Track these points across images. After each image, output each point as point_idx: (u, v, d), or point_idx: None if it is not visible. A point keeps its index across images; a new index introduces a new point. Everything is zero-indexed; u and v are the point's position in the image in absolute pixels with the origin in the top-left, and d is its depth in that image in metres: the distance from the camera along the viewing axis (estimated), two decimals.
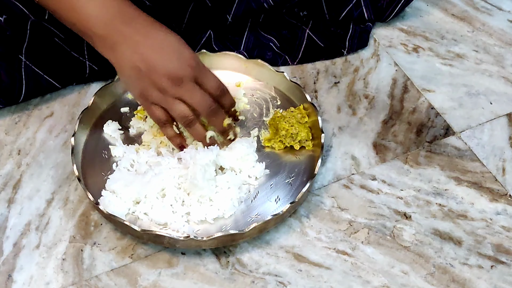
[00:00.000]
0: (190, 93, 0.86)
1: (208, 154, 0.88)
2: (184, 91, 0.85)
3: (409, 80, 1.05)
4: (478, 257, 0.86)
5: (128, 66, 0.85)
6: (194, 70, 0.86)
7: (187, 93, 0.86)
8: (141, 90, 0.86)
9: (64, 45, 1.00)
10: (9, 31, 0.95)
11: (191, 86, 0.86)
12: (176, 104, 0.86)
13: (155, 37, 0.86)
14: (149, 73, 0.84)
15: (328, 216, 0.89)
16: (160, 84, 0.84)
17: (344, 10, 1.09)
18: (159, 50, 0.85)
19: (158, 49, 0.85)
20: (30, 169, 0.94)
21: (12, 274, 0.84)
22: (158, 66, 0.84)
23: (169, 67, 0.84)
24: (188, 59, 0.86)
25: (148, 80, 0.84)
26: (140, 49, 0.84)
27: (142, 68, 0.84)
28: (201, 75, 0.87)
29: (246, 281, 0.84)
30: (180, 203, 0.87)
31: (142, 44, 0.85)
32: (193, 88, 0.86)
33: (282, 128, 0.93)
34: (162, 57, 0.84)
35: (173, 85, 0.84)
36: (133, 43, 0.84)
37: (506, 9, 1.15)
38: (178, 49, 0.86)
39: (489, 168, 0.94)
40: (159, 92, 0.85)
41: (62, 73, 1.01)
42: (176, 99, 0.86)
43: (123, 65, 0.85)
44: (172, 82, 0.84)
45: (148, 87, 0.85)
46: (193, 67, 0.86)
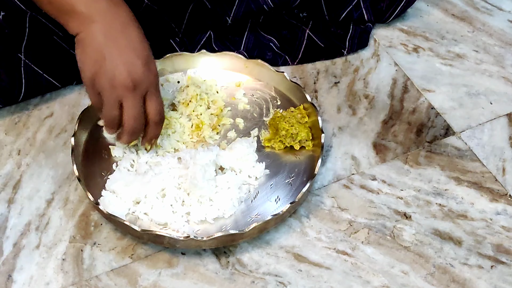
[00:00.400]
0: (132, 105, 0.84)
1: (208, 154, 0.88)
2: (129, 99, 0.83)
3: (409, 80, 1.05)
4: (478, 257, 0.86)
5: (94, 46, 0.83)
6: (151, 85, 0.85)
7: (130, 102, 0.83)
8: (93, 74, 0.83)
9: (63, 43, 1.00)
10: (8, 29, 0.95)
11: (137, 98, 0.84)
12: (112, 107, 0.84)
13: (133, 33, 0.85)
14: (111, 64, 0.82)
15: (328, 216, 0.89)
16: (114, 80, 0.82)
17: (344, 11, 1.09)
18: (131, 48, 0.83)
19: (131, 47, 0.84)
20: (30, 169, 0.94)
21: (12, 274, 0.84)
22: (123, 62, 0.82)
23: (133, 68, 0.83)
24: (151, 72, 0.85)
25: (106, 70, 0.82)
26: (113, 36, 0.83)
27: (107, 56, 0.82)
28: (152, 93, 0.85)
29: (246, 281, 0.84)
30: (180, 203, 0.87)
31: (117, 33, 0.83)
32: (137, 102, 0.84)
33: (282, 128, 0.93)
34: (131, 56, 0.83)
35: (124, 87, 0.83)
36: (109, 27, 0.83)
37: (506, 9, 1.15)
38: (147, 57, 0.85)
39: (489, 168, 0.94)
40: (108, 86, 0.83)
41: (62, 72, 1.01)
42: (116, 102, 0.84)
43: (90, 43, 0.83)
44: (125, 84, 0.82)
45: (102, 75, 0.83)
46: (151, 81, 0.84)
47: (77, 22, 0.83)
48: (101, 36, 0.83)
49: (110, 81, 0.83)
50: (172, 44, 1.06)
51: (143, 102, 0.85)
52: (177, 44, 1.06)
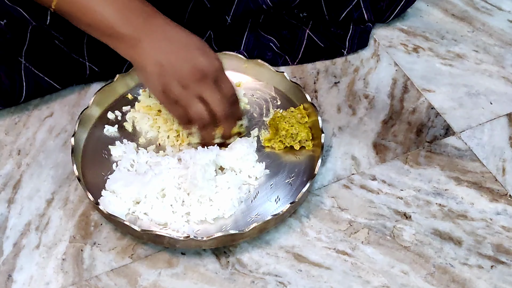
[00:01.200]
0: (211, 92, 0.86)
1: (208, 154, 0.88)
2: (206, 88, 0.86)
3: (409, 80, 1.05)
4: (478, 257, 0.86)
5: (151, 62, 0.85)
6: (217, 70, 0.87)
7: (208, 91, 0.86)
8: (163, 86, 0.85)
9: (64, 47, 1.00)
10: (9, 34, 0.95)
11: (212, 84, 0.86)
12: (195, 103, 0.86)
13: (179, 34, 0.86)
14: (173, 67, 0.84)
15: (328, 216, 0.89)
16: (183, 79, 0.85)
17: (344, 11, 1.09)
18: (183, 47, 0.85)
19: (182, 46, 0.85)
20: (30, 169, 0.94)
21: (12, 274, 0.84)
22: (183, 61, 0.84)
23: (193, 62, 0.84)
24: (212, 58, 0.86)
25: (172, 75, 0.84)
26: (164, 45, 0.85)
27: (166, 63, 0.84)
28: (222, 77, 0.88)
29: (246, 281, 0.84)
30: (180, 203, 0.87)
31: (165, 41, 0.85)
32: (214, 88, 0.86)
33: (282, 128, 0.93)
34: (187, 52, 0.85)
35: (196, 80, 0.85)
36: (156, 39, 0.85)
37: (506, 9, 1.15)
38: (202, 48, 0.87)
39: (489, 168, 0.94)
40: (181, 88, 0.85)
41: (62, 74, 1.01)
42: (196, 98, 0.86)
43: (146, 61, 0.85)
44: (195, 78, 0.85)
45: (170, 82, 0.85)
46: (216, 67, 0.86)
47: (125, 46, 0.85)
48: (152, 51, 0.84)
49: (180, 83, 0.85)
50: None
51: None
52: None
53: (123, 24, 0.84)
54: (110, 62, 1.01)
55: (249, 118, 0.98)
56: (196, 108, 0.87)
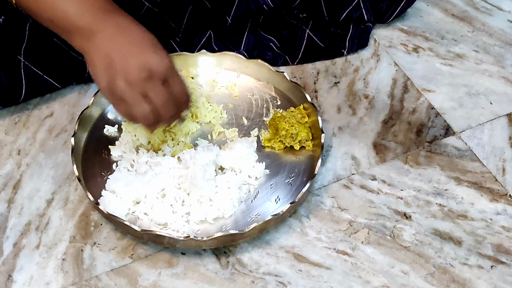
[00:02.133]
0: (157, 92, 0.83)
1: (208, 154, 0.88)
2: (152, 87, 0.83)
3: (409, 80, 1.05)
4: (478, 257, 0.86)
5: (100, 55, 0.82)
6: (167, 69, 0.84)
7: (154, 90, 0.83)
8: (109, 81, 0.82)
9: (62, 45, 0.99)
10: (8, 33, 0.95)
11: (159, 84, 0.83)
12: (140, 103, 0.83)
13: (134, 31, 0.84)
14: (121, 62, 0.81)
15: (328, 216, 0.89)
16: (129, 76, 0.81)
17: (344, 12, 1.09)
18: (136, 43, 0.83)
19: (135, 42, 0.83)
20: (30, 169, 0.94)
21: (12, 274, 0.84)
22: (132, 56, 0.82)
23: (143, 59, 0.82)
24: (163, 57, 0.84)
25: (119, 70, 0.82)
26: (117, 39, 0.83)
27: (114, 58, 0.82)
28: (172, 77, 0.85)
29: (246, 281, 0.84)
30: (180, 203, 0.87)
31: (120, 35, 0.83)
32: (161, 88, 0.83)
33: (282, 128, 0.93)
34: (138, 49, 0.83)
35: (143, 79, 0.82)
36: (111, 33, 0.83)
37: (506, 9, 1.15)
38: (155, 46, 0.84)
39: (489, 168, 0.94)
40: (127, 85, 0.82)
41: (62, 73, 1.01)
42: (141, 96, 0.83)
43: (95, 54, 0.83)
44: (142, 76, 0.81)
45: (116, 78, 0.82)
46: (166, 66, 0.83)
47: (80, 38, 0.83)
48: (104, 43, 0.82)
49: (126, 79, 0.81)
50: (172, 44, 1.06)
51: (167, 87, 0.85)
52: (177, 44, 1.06)
53: (81, 17, 0.83)
54: None
55: (249, 118, 0.98)
56: (140, 107, 0.83)
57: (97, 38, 0.82)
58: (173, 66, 0.85)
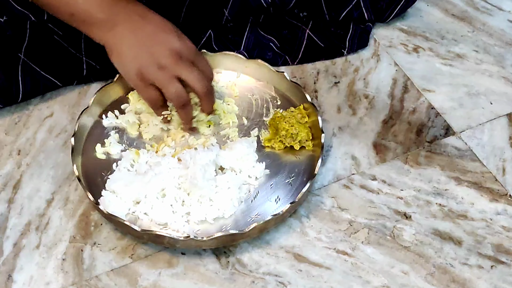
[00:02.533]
0: (189, 71, 0.87)
1: (208, 154, 0.88)
2: (183, 68, 0.87)
3: (409, 80, 1.05)
4: (478, 257, 0.86)
5: (127, 44, 0.86)
6: (193, 51, 0.88)
7: (186, 70, 0.87)
8: (139, 68, 0.86)
9: (63, 42, 0.99)
10: (9, 31, 0.95)
11: (189, 64, 0.87)
12: (173, 83, 0.87)
13: (154, 19, 0.88)
14: (149, 49, 0.85)
15: (328, 216, 0.89)
16: (160, 61, 0.86)
17: (344, 11, 1.09)
18: (159, 30, 0.87)
19: (158, 29, 0.87)
20: (30, 169, 0.94)
21: (12, 274, 0.84)
22: (159, 43, 0.86)
23: (170, 44, 0.86)
24: (187, 41, 0.88)
25: (148, 57, 0.85)
26: (140, 28, 0.86)
27: (141, 46, 0.85)
28: (198, 58, 0.89)
29: (246, 281, 0.84)
30: (180, 203, 0.87)
31: (142, 25, 0.87)
32: (191, 67, 0.88)
33: (282, 128, 0.93)
34: (163, 35, 0.87)
35: (173, 62, 0.86)
36: (132, 22, 0.86)
37: (506, 9, 1.15)
38: (176, 31, 0.88)
39: (489, 168, 0.94)
40: (158, 69, 0.86)
41: (63, 71, 1.01)
42: (173, 78, 0.87)
43: (121, 44, 0.86)
44: (172, 59, 0.86)
45: (146, 64, 0.86)
46: (191, 48, 0.88)
47: (101, 30, 0.86)
48: (127, 34, 0.86)
49: (157, 65, 0.86)
50: None
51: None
52: None
53: (101, 9, 0.86)
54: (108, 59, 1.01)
55: (249, 118, 0.98)
56: (174, 87, 0.87)
57: (120, 29, 0.86)
58: (196, 49, 0.90)
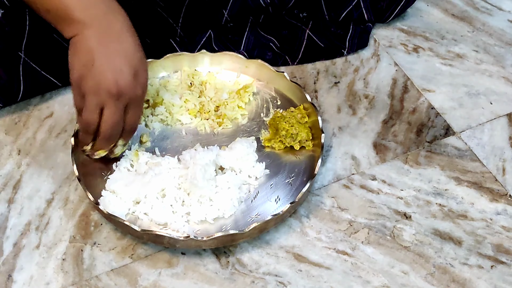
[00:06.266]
0: (112, 113, 0.83)
1: (208, 154, 0.88)
2: (111, 106, 0.82)
3: (409, 80, 1.05)
4: (478, 257, 0.86)
5: (85, 48, 0.82)
6: (135, 97, 0.83)
7: (111, 110, 0.82)
8: (80, 76, 0.82)
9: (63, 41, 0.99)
10: (8, 27, 0.95)
11: (119, 107, 0.82)
12: (91, 112, 0.83)
13: (127, 42, 0.83)
14: (100, 67, 0.81)
15: (328, 216, 0.89)
16: (100, 84, 0.81)
17: (344, 11, 1.09)
18: (121, 56, 0.82)
19: (122, 55, 0.82)
20: (30, 169, 0.94)
21: (12, 274, 0.84)
22: (111, 69, 0.81)
23: (119, 77, 0.81)
24: (140, 83, 0.84)
25: (94, 73, 0.81)
26: (106, 42, 0.82)
27: (96, 59, 0.81)
28: (135, 106, 0.84)
29: (246, 281, 0.84)
30: (180, 203, 0.87)
31: (111, 39, 0.82)
32: (118, 111, 0.83)
33: (282, 128, 0.93)
34: (120, 64, 0.82)
35: (109, 94, 0.81)
36: (103, 34, 0.82)
37: (506, 9, 1.15)
38: (139, 67, 0.83)
39: (489, 168, 0.94)
40: (92, 90, 0.81)
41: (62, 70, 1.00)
42: (97, 108, 0.82)
43: (81, 45, 0.82)
44: (110, 92, 0.81)
45: (88, 78, 0.81)
46: (136, 94, 0.83)
47: (72, 28, 0.83)
48: (94, 41, 0.82)
49: (96, 86, 0.81)
50: (172, 44, 1.06)
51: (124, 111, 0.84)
52: (177, 44, 1.06)
53: (81, 10, 0.82)
54: None
55: (250, 118, 0.98)
56: (89, 115, 0.83)
57: (88, 32, 0.82)
58: (143, 96, 0.85)
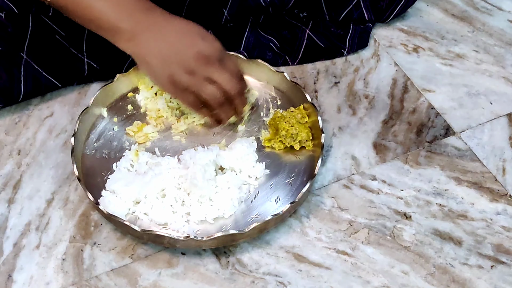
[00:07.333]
0: (219, 72, 0.87)
1: (208, 154, 0.88)
2: (213, 70, 0.87)
3: (409, 80, 1.05)
4: (478, 257, 0.86)
5: (153, 53, 0.86)
6: (220, 51, 0.88)
7: (216, 72, 0.87)
8: (170, 76, 0.86)
9: (65, 42, 0.99)
10: (10, 28, 0.95)
11: (218, 65, 0.87)
12: (206, 86, 0.87)
13: (177, 24, 0.88)
14: (177, 56, 0.85)
15: (328, 216, 0.89)
16: (189, 66, 0.86)
17: (344, 11, 1.09)
18: (183, 34, 0.87)
19: (182, 34, 0.87)
20: (30, 169, 0.94)
21: (12, 274, 0.84)
22: (185, 48, 0.86)
23: (196, 48, 0.86)
24: (212, 41, 0.88)
25: (176, 64, 0.86)
26: (164, 35, 0.86)
27: (168, 53, 0.85)
28: (225, 57, 0.89)
29: (246, 281, 0.84)
30: (180, 203, 0.87)
31: (165, 30, 0.86)
32: (221, 68, 0.88)
33: (282, 128, 0.93)
34: (187, 39, 0.86)
35: (202, 64, 0.86)
36: (156, 30, 0.86)
37: (506, 9, 1.15)
38: (201, 32, 0.88)
39: (489, 168, 0.94)
40: (188, 75, 0.86)
41: (62, 71, 1.01)
42: (205, 81, 0.87)
43: (148, 53, 0.86)
44: (200, 62, 0.86)
45: (176, 71, 0.86)
46: (218, 48, 0.88)
47: (124, 40, 0.86)
48: (153, 42, 0.86)
49: (187, 70, 0.86)
50: None
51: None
52: None
53: (122, 19, 0.85)
54: (110, 60, 1.01)
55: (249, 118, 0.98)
56: (208, 90, 0.88)
57: (144, 39, 0.86)
58: (222, 47, 0.89)
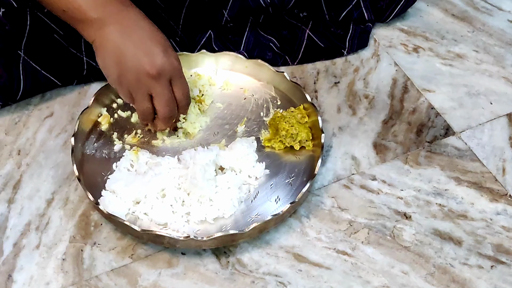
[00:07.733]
0: (161, 93, 0.87)
1: (208, 154, 0.88)
2: (157, 87, 0.86)
3: (409, 80, 1.05)
4: (478, 257, 0.86)
5: (112, 47, 0.85)
6: (175, 70, 0.87)
7: (158, 90, 0.86)
8: (119, 75, 0.86)
9: (63, 41, 0.99)
10: (8, 26, 0.95)
11: (165, 84, 0.86)
12: (143, 100, 0.87)
13: (146, 28, 0.87)
14: (132, 58, 0.84)
15: (328, 216, 0.89)
16: (139, 73, 0.85)
17: (344, 11, 1.09)
18: (147, 40, 0.86)
19: (147, 38, 0.86)
20: (30, 169, 0.94)
21: (12, 274, 0.84)
22: (143, 54, 0.84)
23: (153, 58, 0.85)
24: (172, 57, 0.87)
25: (130, 66, 0.85)
26: (129, 34, 0.85)
27: (126, 52, 0.84)
28: (178, 78, 0.88)
29: (246, 281, 0.84)
30: (180, 203, 0.87)
31: (132, 30, 0.85)
32: (166, 87, 0.87)
33: (282, 128, 0.93)
34: (149, 46, 0.85)
35: (150, 78, 0.85)
36: (124, 26, 0.85)
37: (506, 9, 1.15)
38: (165, 45, 0.87)
39: (489, 168, 0.94)
40: (135, 81, 0.85)
41: (62, 70, 1.01)
42: (146, 94, 0.87)
43: (107, 45, 0.85)
44: (151, 74, 0.85)
45: (126, 72, 0.85)
46: (174, 66, 0.87)
47: (92, 29, 0.86)
48: (116, 36, 0.85)
49: (136, 77, 0.85)
50: (172, 44, 1.06)
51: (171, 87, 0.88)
52: (177, 44, 1.06)
53: (95, 9, 0.85)
54: None
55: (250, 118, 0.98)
56: (142, 104, 0.88)
57: (109, 30, 0.85)
58: (180, 67, 0.88)
